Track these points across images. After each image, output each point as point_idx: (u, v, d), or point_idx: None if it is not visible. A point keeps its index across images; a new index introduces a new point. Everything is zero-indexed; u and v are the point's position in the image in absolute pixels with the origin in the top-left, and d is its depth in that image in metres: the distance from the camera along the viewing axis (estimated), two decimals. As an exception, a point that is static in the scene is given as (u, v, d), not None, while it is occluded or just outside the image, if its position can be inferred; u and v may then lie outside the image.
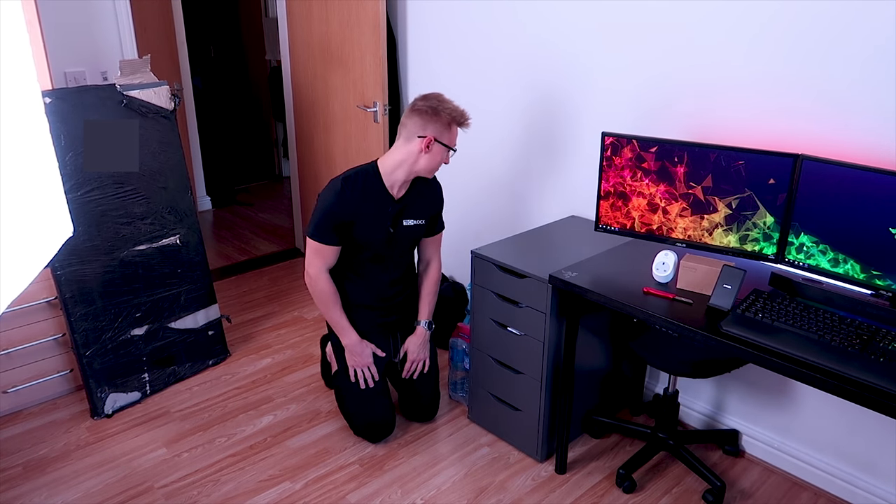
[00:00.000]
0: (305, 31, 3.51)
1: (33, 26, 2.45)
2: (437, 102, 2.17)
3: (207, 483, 2.25)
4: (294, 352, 3.06)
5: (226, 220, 4.85)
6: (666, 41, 2.26)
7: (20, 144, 1.06)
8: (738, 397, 2.41)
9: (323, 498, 2.20)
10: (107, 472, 2.30)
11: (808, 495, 2.23)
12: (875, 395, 1.48)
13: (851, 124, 1.91)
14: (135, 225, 2.60)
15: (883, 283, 1.73)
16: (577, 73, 2.55)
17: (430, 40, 3.12)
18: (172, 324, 2.76)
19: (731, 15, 2.08)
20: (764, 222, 1.91)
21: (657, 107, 2.34)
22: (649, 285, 1.97)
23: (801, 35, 1.95)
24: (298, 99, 3.75)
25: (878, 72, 1.83)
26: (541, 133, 2.76)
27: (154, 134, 2.61)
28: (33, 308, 2.50)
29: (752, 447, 2.40)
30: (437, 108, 2.16)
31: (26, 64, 1.09)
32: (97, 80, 3.05)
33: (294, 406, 2.67)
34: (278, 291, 3.67)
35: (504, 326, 2.32)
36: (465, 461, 2.37)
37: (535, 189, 2.85)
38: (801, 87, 1.99)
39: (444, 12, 3.00)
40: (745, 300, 1.80)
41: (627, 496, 2.22)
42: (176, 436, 2.49)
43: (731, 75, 2.13)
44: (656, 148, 2.00)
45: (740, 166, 1.90)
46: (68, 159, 2.38)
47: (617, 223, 2.14)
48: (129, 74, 2.55)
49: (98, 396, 2.56)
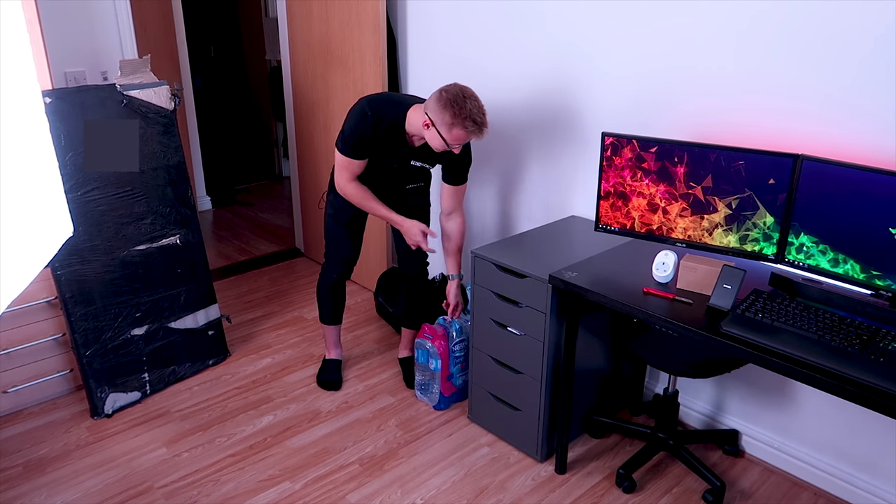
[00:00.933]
0: (305, 31, 3.51)
1: (33, 26, 2.45)
2: (453, 98, 2.13)
3: (207, 483, 2.25)
4: (294, 352, 3.06)
5: (226, 220, 4.85)
6: (666, 41, 2.26)
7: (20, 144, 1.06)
8: (738, 397, 2.41)
9: (323, 498, 2.20)
10: (107, 472, 2.30)
11: (808, 495, 2.23)
12: (875, 395, 1.48)
13: (851, 124, 1.91)
14: (135, 225, 2.60)
15: (883, 283, 1.73)
16: (577, 73, 2.55)
17: (430, 40, 3.11)
18: (172, 324, 2.76)
19: (732, 15, 2.08)
20: (764, 222, 1.91)
21: (657, 107, 2.34)
22: (649, 285, 1.97)
23: (801, 35, 1.95)
24: (298, 99, 3.75)
25: (879, 72, 1.83)
26: (541, 133, 2.76)
27: (154, 134, 2.61)
28: (33, 308, 2.50)
29: (752, 447, 2.40)
30: (449, 103, 2.12)
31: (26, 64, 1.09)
32: (97, 80, 3.05)
33: (294, 406, 2.67)
34: (278, 291, 3.67)
35: (504, 326, 2.32)
36: (465, 461, 2.38)
37: (535, 189, 2.85)
38: (802, 87, 1.99)
39: (444, 12, 3.00)
40: (745, 300, 1.80)
41: (627, 496, 2.22)
42: (176, 436, 2.49)
43: (732, 75, 2.13)
44: (656, 148, 2.00)
45: (740, 166, 1.90)
46: (68, 159, 2.38)
47: (617, 223, 2.14)
48: (129, 74, 2.55)
49: (98, 396, 2.56)
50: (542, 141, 2.76)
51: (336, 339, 2.89)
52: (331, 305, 2.77)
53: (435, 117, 2.15)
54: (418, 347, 2.63)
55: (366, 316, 3.41)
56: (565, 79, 2.59)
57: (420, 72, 3.22)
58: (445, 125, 2.14)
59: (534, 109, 2.74)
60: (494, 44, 2.82)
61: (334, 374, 2.83)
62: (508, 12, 2.72)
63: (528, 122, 2.79)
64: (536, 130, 2.77)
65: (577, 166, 2.64)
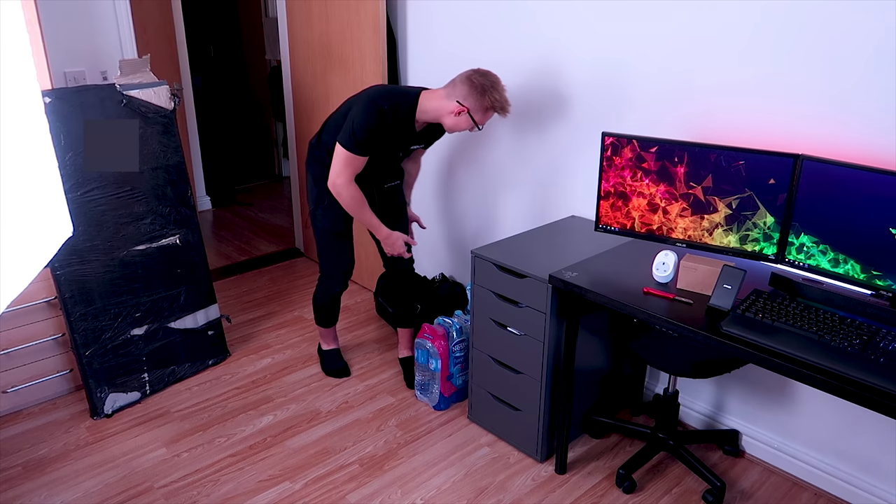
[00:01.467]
0: (305, 31, 3.51)
1: (33, 26, 2.45)
2: (489, 84, 2.26)
3: (207, 483, 2.25)
4: (294, 352, 3.06)
5: (226, 220, 4.85)
6: (666, 41, 2.26)
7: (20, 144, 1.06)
8: (738, 397, 2.41)
9: (323, 498, 2.20)
10: (106, 472, 2.30)
11: (808, 495, 2.23)
12: (875, 395, 1.47)
13: (852, 124, 1.91)
14: (135, 225, 2.60)
15: (883, 283, 1.73)
16: (577, 73, 2.55)
17: (430, 40, 3.11)
18: (172, 324, 2.76)
19: (731, 15, 2.08)
20: (764, 222, 1.91)
21: (657, 107, 2.34)
22: (649, 285, 1.97)
23: (801, 35, 1.95)
24: (298, 99, 3.75)
25: (879, 72, 1.83)
26: (541, 133, 2.76)
27: (154, 134, 2.61)
28: (33, 308, 2.50)
29: (752, 447, 2.40)
30: (486, 89, 2.24)
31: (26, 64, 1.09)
32: (97, 80, 3.05)
33: (294, 406, 2.67)
34: (278, 291, 3.67)
35: (504, 326, 2.32)
36: (465, 461, 2.37)
37: (535, 189, 2.85)
38: (802, 87, 1.99)
39: (444, 12, 2.99)
40: (746, 300, 1.80)
41: (627, 496, 2.22)
42: (176, 436, 2.49)
43: (731, 75, 2.13)
44: (656, 148, 2.00)
45: (740, 166, 1.89)
46: (68, 159, 2.38)
47: (617, 223, 2.14)
48: (129, 74, 2.55)
49: (98, 396, 2.56)
50: (543, 141, 2.76)
51: (334, 334, 2.94)
52: (330, 313, 2.84)
53: (471, 104, 2.26)
54: (418, 347, 2.63)
55: (366, 316, 3.41)
56: (565, 79, 2.59)
57: (420, 72, 3.22)
58: (482, 110, 2.28)
59: (534, 109, 2.74)
60: (495, 44, 2.82)
61: (340, 362, 2.90)
62: (508, 12, 2.72)
63: (528, 122, 2.79)
64: (537, 130, 2.77)
65: (576, 166, 2.64)
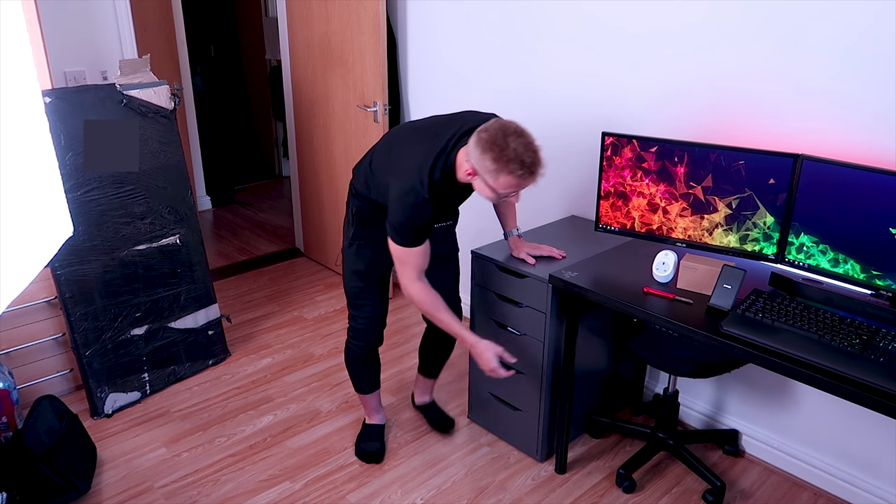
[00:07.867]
0: (305, 31, 3.51)
1: (33, 26, 2.45)
2: (493, 138, 1.77)
3: (207, 483, 2.25)
4: (294, 352, 3.06)
5: (226, 220, 4.85)
6: (666, 42, 2.26)
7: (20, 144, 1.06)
8: (738, 397, 2.41)
9: (323, 498, 2.20)
10: (106, 472, 2.30)
11: (808, 495, 2.23)
12: (875, 395, 1.48)
13: (851, 124, 1.91)
14: (135, 225, 2.60)
15: (883, 283, 1.73)
16: (577, 73, 2.55)
17: (430, 40, 3.11)
18: (172, 324, 2.76)
19: (731, 15, 2.08)
20: (764, 222, 1.91)
21: (657, 107, 2.34)
22: (649, 285, 1.97)
23: (801, 35, 1.95)
24: (298, 99, 3.75)
25: (879, 72, 1.83)
26: (541, 133, 2.75)
27: (154, 134, 2.61)
28: (33, 308, 2.50)
29: (752, 447, 2.40)
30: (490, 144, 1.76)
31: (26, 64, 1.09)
32: (97, 80, 3.05)
33: (294, 406, 2.67)
34: (278, 291, 3.67)
35: (504, 326, 2.32)
36: (465, 461, 2.37)
37: (535, 189, 2.84)
38: (802, 87, 1.99)
39: (444, 12, 2.99)
40: (746, 300, 1.80)
41: (627, 496, 2.22)
42: (176, 436, 2.49)
43: (731, 75, 2.13)
44: (656, 148, 2.00)
45: (740, 166, 1.89)
46: (68, 159, 2.38)
47: (617, 223, 2.14)
48: (129, 74, 2.55)
49: (98, 396, 2.56)
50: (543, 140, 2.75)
51: (377, 402, 2.45)
52: (369, 375, 2.36)
53: (477, 164, 1.78)
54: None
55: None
56: (565, 78, 2.59)
57: (420, 72, 3.22)
58: (489, 172, 1.77)
59: (534, 109, 2.74)
60: (495, 43, 2.82)
61: (376, 443, 2.39)
62: (508, 12, 2.72)
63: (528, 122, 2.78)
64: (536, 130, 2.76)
65: (576, 166, 2.64)
